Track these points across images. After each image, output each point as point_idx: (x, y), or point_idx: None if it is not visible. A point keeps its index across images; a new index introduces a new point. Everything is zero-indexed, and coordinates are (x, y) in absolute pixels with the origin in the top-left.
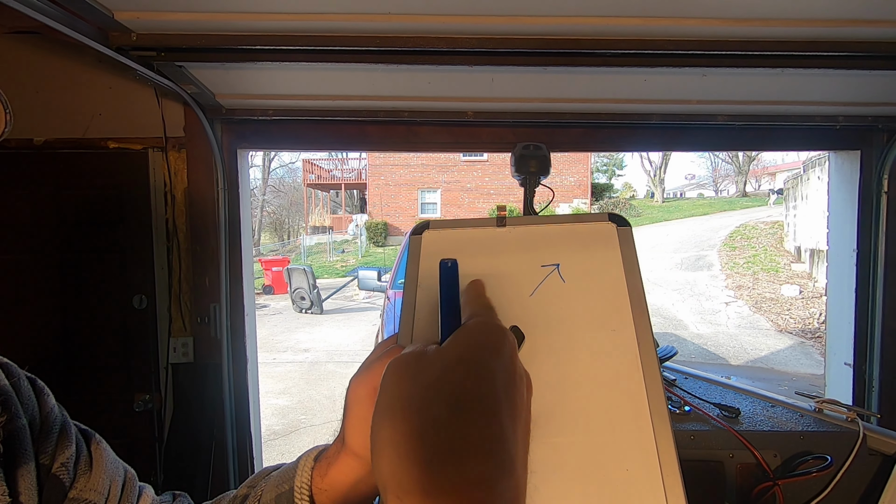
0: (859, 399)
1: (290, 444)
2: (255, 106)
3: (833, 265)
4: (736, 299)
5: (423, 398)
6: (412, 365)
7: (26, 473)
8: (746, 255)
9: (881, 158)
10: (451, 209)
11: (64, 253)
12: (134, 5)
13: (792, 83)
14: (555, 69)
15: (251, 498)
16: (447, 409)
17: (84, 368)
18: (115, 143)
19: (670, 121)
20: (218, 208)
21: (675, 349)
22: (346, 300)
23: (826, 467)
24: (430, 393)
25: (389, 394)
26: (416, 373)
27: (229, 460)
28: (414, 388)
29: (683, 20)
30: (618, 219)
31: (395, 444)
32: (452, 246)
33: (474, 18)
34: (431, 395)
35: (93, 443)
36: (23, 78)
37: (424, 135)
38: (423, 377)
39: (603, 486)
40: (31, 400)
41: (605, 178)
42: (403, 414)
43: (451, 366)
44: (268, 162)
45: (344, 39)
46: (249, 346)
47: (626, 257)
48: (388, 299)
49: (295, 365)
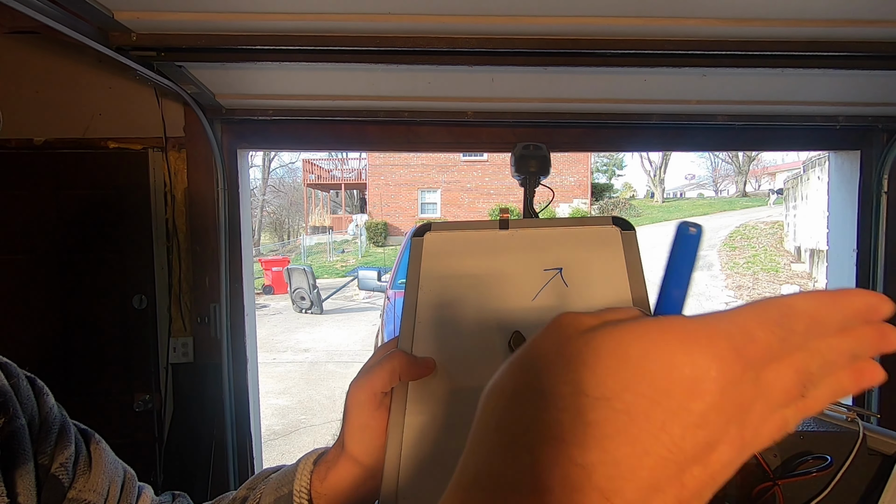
0: (859, 399)
1: (290, 444)
2: (254, 106)
3: (833, 265)
4: (736, 299)
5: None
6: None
7: (25, 474)
8: (746, 255)
9: (881, 158)
10: (451, 209)
11: (64, 253)
12: (134, 5)
13: (792, 83)
14: (555, 69)
15: (250, 500)
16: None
17: (84, 368)
18: (115, 143)
19: (670, 121)
20: (218, 208)
21: None
22: (346, 300)
23: (826, 467)
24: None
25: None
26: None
27: (229, 460)
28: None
29: (683, 20)
30: (622, 222)
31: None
32: (454, 248)
33: (474, 18)
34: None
35: (92, 443)
36: (23, 78)
37: (424, 135)
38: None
39: None
40: (31, 400)
41: (605, 178)
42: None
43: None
44: (268, 162)
45: (344, 39)
46: (249, 346)
47: (630, 262)
48: (388, 299)
49: (295, 365)
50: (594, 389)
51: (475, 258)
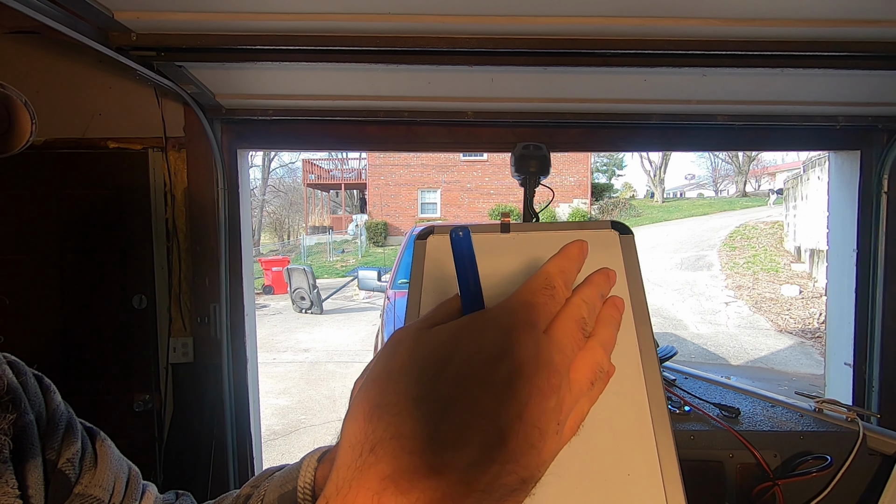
0: (859, 399)
1: (290, 444)
2: (254, 106)
3: (833, 265)
4: (736, 299)
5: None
6: (410, 338)
7: (34, 468)
8: (746, 255)
9: (881, 158)
10: (451, 209)
11: (64, 253)
12: (134, 5)
13: (792, 83)
14: (555, 69)
15: (254, 498)
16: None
17: (84, 368)
18: (115, 143)
19: (670, 121)
20: (218, 208)
21: (675, 349)
22: (346, 300)
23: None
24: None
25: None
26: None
27: (229, 460)
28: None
29: (683, 20)
30: (620, 226)
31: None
32: None
33: (474, 18)
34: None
35: (98, 440)
36: (23, 78)
37: (424, 135)
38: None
39: (604, 490)
40: (38, 397)
41: (605, 178)
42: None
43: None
44: (268, 162)
45: (344, 39)
46: (249, 346)
47: (629, 265)
48: (388, 299)
49: (295, 365)
50: (419, 391)
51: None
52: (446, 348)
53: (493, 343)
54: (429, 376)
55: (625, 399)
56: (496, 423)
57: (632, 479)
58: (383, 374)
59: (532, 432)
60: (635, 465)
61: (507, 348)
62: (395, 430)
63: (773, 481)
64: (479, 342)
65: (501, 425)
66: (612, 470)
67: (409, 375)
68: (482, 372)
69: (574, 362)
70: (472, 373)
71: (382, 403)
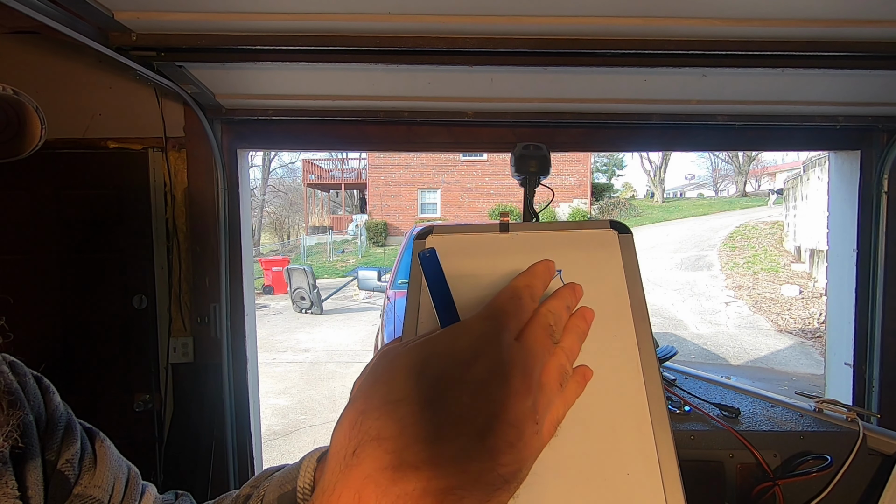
0: (859, 399)
1: (290, 444)
2: (254, 106)
3: (833, 265)
4: (736, 299)
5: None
6: (392, 352)
7: (33, 469)
8: (746, 255)
9: (881, 158)
10: (451, 209)
11: (64, 253)
12: (134, 5)
13: (792, 83)
14: (555, 69)
15: (254, 498)
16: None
17: (84, 369)
18: (115, 143)
19: (670, 121)
20: (218, 208)
21: (675, 349)
22: (346, 300)
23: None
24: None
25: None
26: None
27: (229, 460)
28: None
29: (683, 20)
30: (619, 226)
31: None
32: (455, 250)
33: (474, 18)
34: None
35: (97, 441)
36: (23, 78)
37: (424, 135)
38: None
39: (603, 489)
40: (37, 398)
41: (605, 178)
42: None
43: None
44: (268, 162)
45: (344, 39)
46: (249, 346)
47: (628, 264)
48: (388, 299)
49: (295, 365)
50: (406, 394)
51: (476, 260)
52: (423, 355)
53: (466, 347)
54: (408, 381)
55: (624, 398)
56: (474, 422)
57: (631, 479)
58: (368, 383)
59: (510, 431)
60: (635, 464)
61: (480, 352)
62: (375, 432)
63: (773, 481)
64: (453, 347)
65: (479, 424)
66: (612, 469)
67: (390, 382)
68: (457, 373)
69: (545, 366)
70: (447, 374)
71: (366, 409)
